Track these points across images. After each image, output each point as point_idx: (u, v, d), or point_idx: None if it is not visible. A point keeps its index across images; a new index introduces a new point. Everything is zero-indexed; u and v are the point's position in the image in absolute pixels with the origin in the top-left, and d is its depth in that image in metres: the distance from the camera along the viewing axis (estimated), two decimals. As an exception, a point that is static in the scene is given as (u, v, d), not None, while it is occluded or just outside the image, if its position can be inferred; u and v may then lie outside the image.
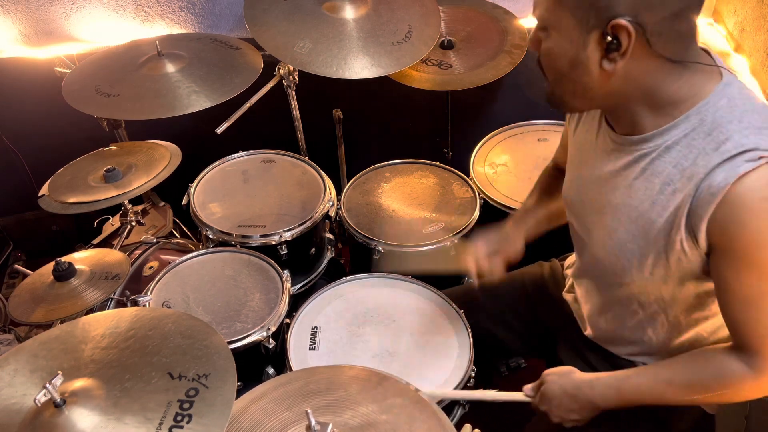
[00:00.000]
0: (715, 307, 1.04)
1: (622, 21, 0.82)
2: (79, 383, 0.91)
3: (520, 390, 1.18)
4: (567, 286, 1.33)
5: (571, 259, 1.37)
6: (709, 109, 0.90)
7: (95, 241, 1.89)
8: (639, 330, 1.13)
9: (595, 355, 1.23)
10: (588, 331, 1.24)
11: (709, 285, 1.00)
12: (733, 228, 0.87)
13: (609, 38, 0.85)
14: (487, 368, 1.41)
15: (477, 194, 1.74)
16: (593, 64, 0.89)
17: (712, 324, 1.08)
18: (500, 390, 1.20)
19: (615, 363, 1.20)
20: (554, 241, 1.49)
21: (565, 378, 1.11)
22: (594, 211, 1.08)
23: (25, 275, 1.49)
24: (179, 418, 0.87)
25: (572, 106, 1.01)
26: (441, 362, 1.30)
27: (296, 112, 1.92)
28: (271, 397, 1.03)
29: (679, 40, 0.87)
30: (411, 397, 1.02)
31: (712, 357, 1.01)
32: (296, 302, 1.49)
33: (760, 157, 0.84)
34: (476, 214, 1.68)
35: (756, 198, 0.85)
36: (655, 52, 0.86)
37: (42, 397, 0.85)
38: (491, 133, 1.94)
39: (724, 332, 1.08)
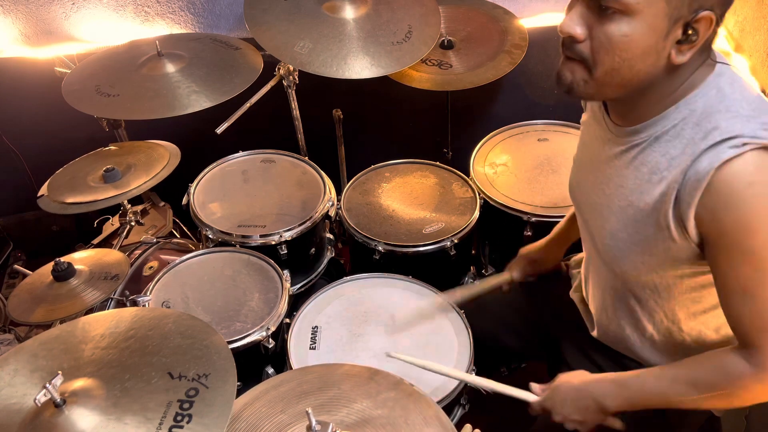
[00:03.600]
0: (711, 300, 1.04)
1: (711, 14, 0.82)
2: (79, 383, 0.91)
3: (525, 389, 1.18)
4: (574, 286, 1.33)
5: (576, 258, 1.37)
6: (699, 99, 0.90)
7: (95, 241, 1.89)
8: (639, 325, 1.13)
9: (602, 356, 1.23)
10: (594, 331, 1.24)
11: (703, 278, 1.00)
12: (721, 214, 0.87)
13: (690, 29, 0.84)
14: (487, 368, 1.41)
15: (477, 194, 1.74)
16: (664, 55, 0.87)
17: (714, 320, 1.08)
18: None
19: (621, 363, 1.20)
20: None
21: (575, 377, 1.11)
22: (591, 201, 1.09)
23: (25, 275, 1.49)
24: (179, 418, 0.87)
25: (607, 96, 0.97)
26: (441, 362, 1.29)
27: (296, 112, 1.92)
28: (264, 400, 1.03)
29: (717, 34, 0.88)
30: (403, 389, 1.02)
31: (716, 355, 1.00)
32: (296, 302, 1.49)
33: (744, 144, 0.84)
34: (476, 214, 1.68)
35: (741, 183, 0.85)
36: (704, 45, 0.86)
37: (42, 397, 0.85)
38: (491, 133, 1.94)
39: (726, 330, 1.08)
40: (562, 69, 0.93)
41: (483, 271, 1.89)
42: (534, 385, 1.16)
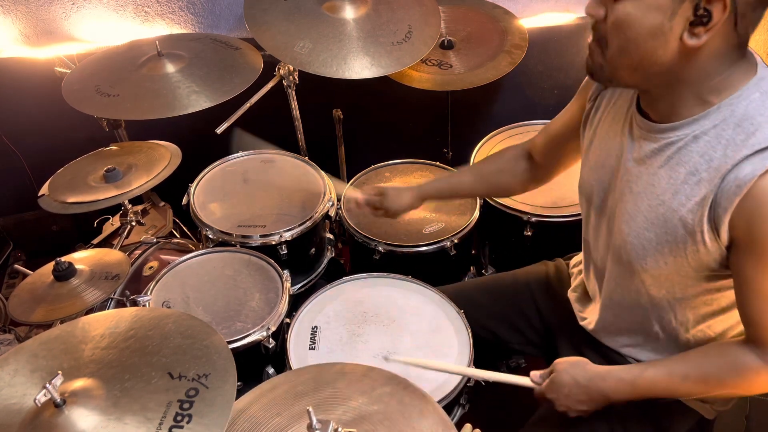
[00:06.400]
0: (722, 303, 1.04)
1: None
2: (79, 383, 0.91)
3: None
4: (573, 285, 1.32)
5: (577, 258, 1.37)
6: (742, 101, 0.89)
7: (95, 241, 1.89)
8: (646, 324, 1.12)
9: (598, 356, 1.22)
10: (589, 324, 1.23)
11: (721, 282, 1.00)
12: (757, 221, 0.86)
13: (701, 10, 0.81)
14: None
15: (477, 194, 1.73)
16: (674, 36, 0.84)
17: (720, 324, 1.07)
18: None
19: (616, 362, 1.19)
20: (559, 241, 1.49)
21: (577, 368, 1.10)
22: (614, 198, 1.07)
23: (25, 275, 1.49)
24: (179, 418, 0.87)
25: (624, 81, 0.94)
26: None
27: (296, 112, 1.92)
28: (260, 404, 1.03)
29: (751, 27, 0.86)
30: (398, 383, 1.02)
31: (727, 351, 1.00)
32: (296, 302, 1.49)
33: None
34: (476, 214, 1.68)
35: None
36: (730, 34, 0.84)
37: (42, 397, 0.85)
38: (491, 133, 1.94)
39: (732, 332, 1.09)
40: (588, 55, 0.95)
41: (483, 271, 1.89)
42: (534, 373, 1.15)
